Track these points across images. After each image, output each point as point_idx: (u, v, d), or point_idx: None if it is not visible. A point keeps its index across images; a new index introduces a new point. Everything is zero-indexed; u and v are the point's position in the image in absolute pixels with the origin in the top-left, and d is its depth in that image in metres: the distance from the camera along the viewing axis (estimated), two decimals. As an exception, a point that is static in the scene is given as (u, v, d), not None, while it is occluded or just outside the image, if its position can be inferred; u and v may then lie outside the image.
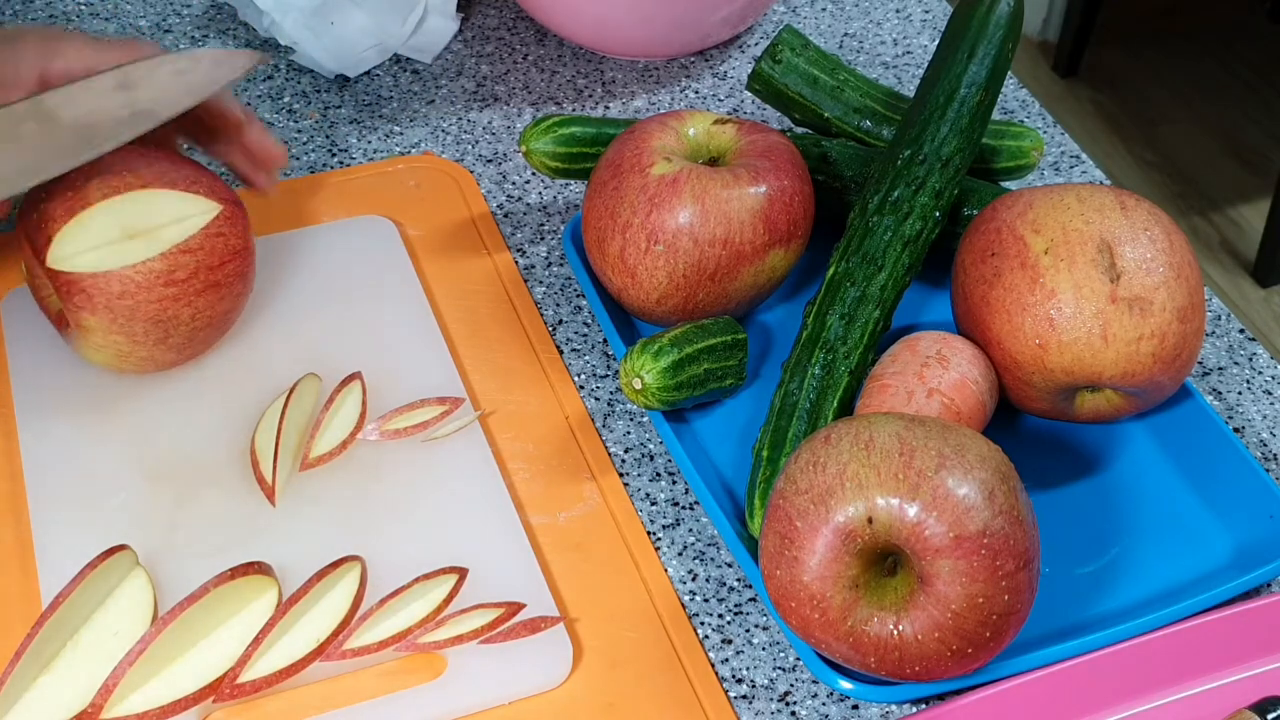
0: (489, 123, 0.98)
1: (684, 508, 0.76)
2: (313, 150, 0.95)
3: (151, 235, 0.73)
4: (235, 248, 0.76)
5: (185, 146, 0.83)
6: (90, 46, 0.75)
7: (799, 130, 0.94)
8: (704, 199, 0.76)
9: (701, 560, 0.73)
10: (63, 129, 0.72)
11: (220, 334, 0.78)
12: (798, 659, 0.69)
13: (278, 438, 0.73)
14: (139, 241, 0.73)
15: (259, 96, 0.99)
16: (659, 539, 0.74)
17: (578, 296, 0.86)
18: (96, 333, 0.73)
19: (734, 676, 0.69)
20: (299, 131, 0.97)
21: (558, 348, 0.83)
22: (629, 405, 0.80)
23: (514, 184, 0.94)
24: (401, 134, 0.97)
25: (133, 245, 0.72)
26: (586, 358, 0.83)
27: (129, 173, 0.73)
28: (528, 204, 0.92)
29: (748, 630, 0.71)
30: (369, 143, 0.96)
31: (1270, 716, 0.65)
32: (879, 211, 0.78)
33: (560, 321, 0.85)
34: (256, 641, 0.65)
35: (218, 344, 0.80)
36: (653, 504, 0.76)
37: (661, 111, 0.97)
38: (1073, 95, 2.56)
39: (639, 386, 0.74)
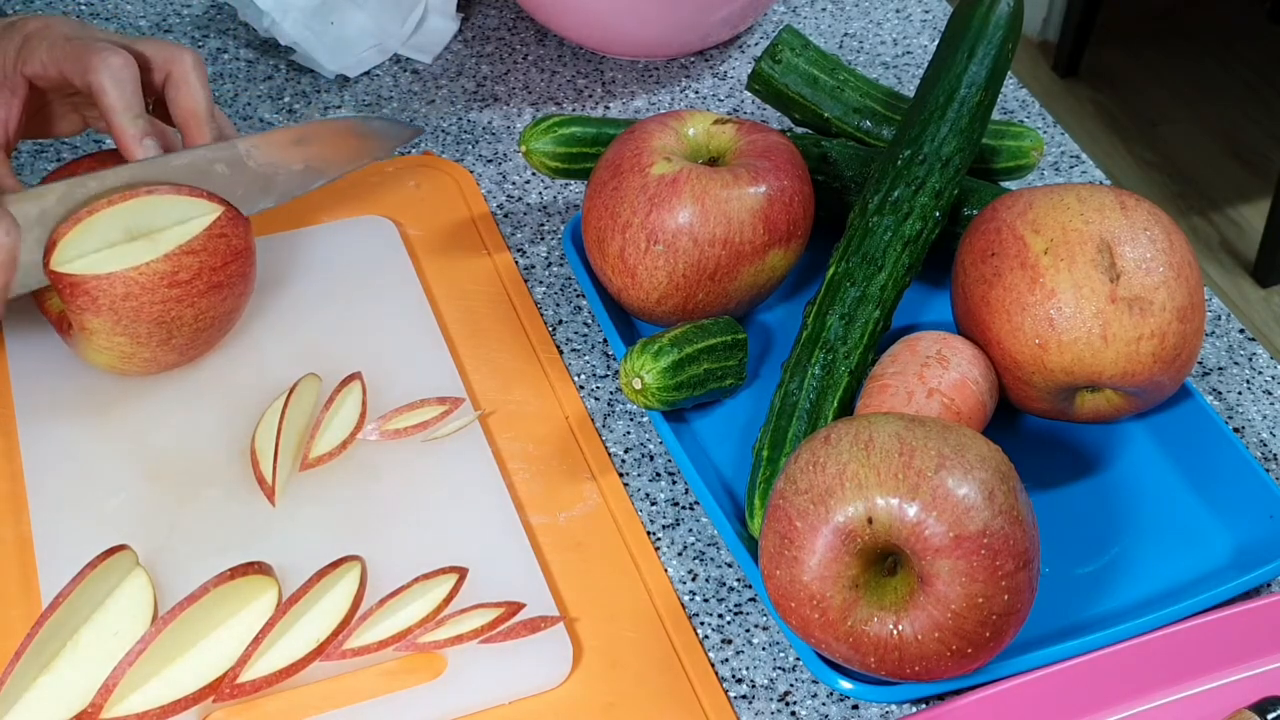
0: (489, 123, 0.98)
1: (684, 508, 0.76)
2: (313, 150, 0.95)
3: (154, 237, 0.73)
4: (237, 249, 0.76)
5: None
6: (52, 50, 0.74)
7: (799, 130, 0.94)
8: (704, 199, 0.76)
9: (701, 560, 0.73)
10: (248, 175, 0.76)
11: (222, 335, 0.78)
12: (798, 659, 0.69)
13: (278, 438, 0.73)
14: (142, 243, 0.73)
15: (259, 97, 0.99)
16: (659, 539, 0.74)
17: (578, 296, 0.86)
18: (100, 335, 0.73)
19: (734, 676, 0.69)
20: (299, 131, 0.97)
21: (558, 348, 0.83)
22: (629, 405, 0.80)
23: (514, 184, 0.94)
24: (401, 134, 0.97)
25: (135, 247, 0.72)
26: (586, 358, 0.83)
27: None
28: (528, 204, 0.92)
29: (748, 630, 0.71)
30: (369, 143, 0.96)
31: (1270, 716, 0.65)
32: (879, 211, 0.78)
33: (560, 321, 0.85)
34: (256, 641, 0.65)
35: (218, 345, 0.80)
36: (653, 504, 0.76)
37: (661, 111, 0.97)
38: (1073, 95, 2.56)
39: (639, 386, 0.74)
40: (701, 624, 0.71)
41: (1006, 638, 0.63)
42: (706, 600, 0.72)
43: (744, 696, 0.68)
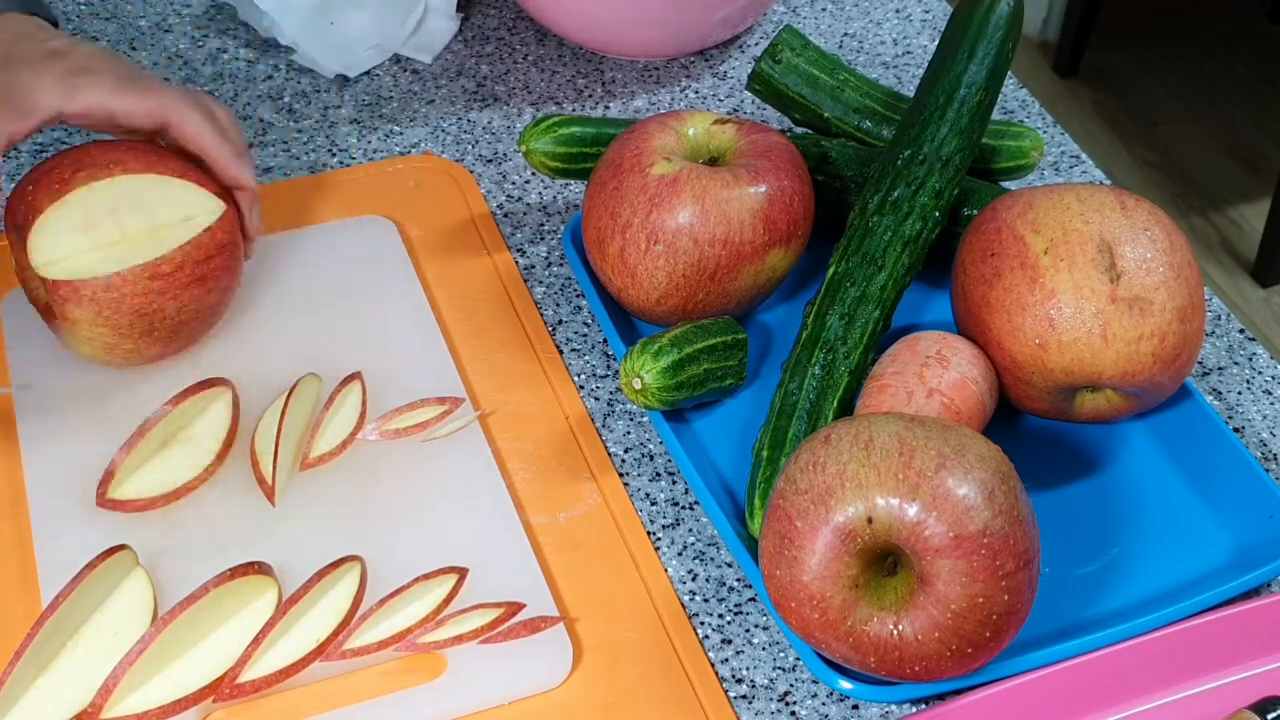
0: (489, 123, 0.98)
1: (684, 508, 0.76)
2: (313, 150, 0.95)
3: (138, 223, 0.73)
4: (222, 242, 0.76)
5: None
6: (110, 92, 0.74)
7: (799, 130, 0.94)
8: (704, 199, 0.76)
9: (701, 560, 0.73)
10: None
11: (207, 328, 0.78)
12: (798, 659, 0.69)
13: (278, 438, 0.73)
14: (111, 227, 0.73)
15: (259, 96, 0.99)
16: (659, 539, 0.74)
17: (578, 296, 0.86)
18: (82, 325, 0.73)
19: (734, 676, 0.69)
20: (299, 131, 0.97)
21: (558, 348, 0.83)
22: (629, 405, 0.80)
23: (514, 184, 0.94)
24: (401, 134, 0.97)
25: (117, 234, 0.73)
26: (586, 358, 0.83)
27: (115, 164, 0.73)
28: (528, 204, 0.92)
29: (748, 630, 0.71)
30: (369, 143, 0.96)
31: (1270, 716, 0.65)
32: (879, 211, 0.78)
33: (560, 321, 0.85)
34: (256, 641, 0.65)
35: (217, 344, 0.80)
36: (653, 504, 0.76)
37: (661, 111, 0.97)
38: (1073, 95, 2.56)
39: (639, 386, 0.74)
40: (701, 624, 0.71)
41: (1006, 638, 0.63)
42: (706, 600, 0.72)
43: (744, 696, 0.68)
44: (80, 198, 0.72)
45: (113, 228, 0.72)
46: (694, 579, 0.73)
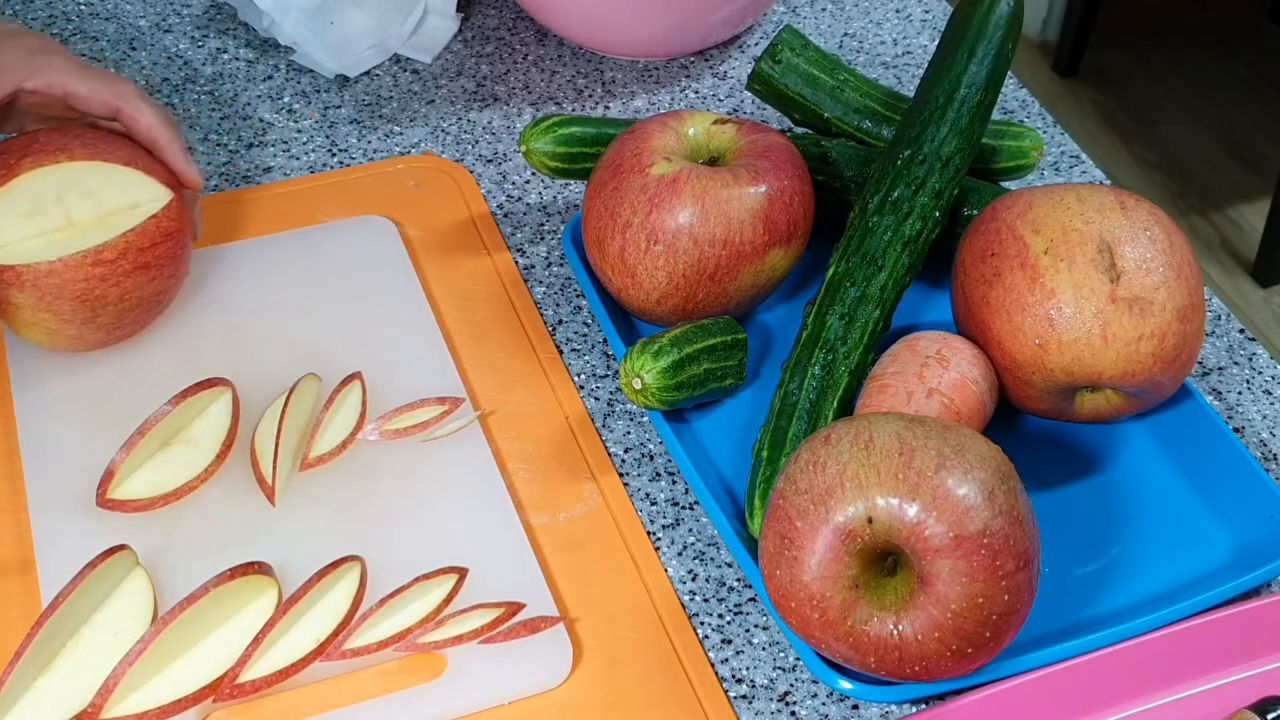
0: (489, 123, 0.98)
1: (684, 508, 0.76)
2: (313, 150, 0.95)
3: (85, 209, 0.74)
4: (168, 230, 0.76)
5: None
6: (71, 73, 0.76)
7: (799, 130, 0.94)
8: (704, 199, 0.76)
9: (701, 560, 0.73)
10: None
11: (153, 316, 0.79)
12: (798, 659, 0.69)
13: (278, 438, 0.73)
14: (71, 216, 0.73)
15: (259, 96, 0.99)
16: (659, 539, 0.74)
17: (578, 296, 0.86)
18: (25, 310, 0.73)
19: (734, 676, 0.69)
20: (299, 131, 0.97)
21: (558, 348, 0.83)
22: (629, 405, 0.80)
23: (514, 184, 0.94)
24: (401, 134, 0.97)
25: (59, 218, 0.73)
26: (586, 358, 0.83)
27: (61, 150, 0.74)
28: (528, 204, 0.92)
29: (748, 630, 0.71)
30: (369, 143, 0.96)
31: (1270, 716, 0.65)
32: (879, 211, 0.78)
33: (560, 321, 0.85)
34: (256, 641, 0.65)
35: (217, 344, 0.80)
36: (653, 504, 0.76)
37: (661, 111, 0.97)
38: (1073, 95, 2.56)
39: (639, 386, 0.74)
40: (701, 624, 0.71)
41: (1006, 638, 0.63)
42: (706, 600, 0.72)
43: (744, 696, 0.68)
44: (26, 183, 0.73)
45: (59, 214, 0.73)
46: (694, 579, 0.73)
